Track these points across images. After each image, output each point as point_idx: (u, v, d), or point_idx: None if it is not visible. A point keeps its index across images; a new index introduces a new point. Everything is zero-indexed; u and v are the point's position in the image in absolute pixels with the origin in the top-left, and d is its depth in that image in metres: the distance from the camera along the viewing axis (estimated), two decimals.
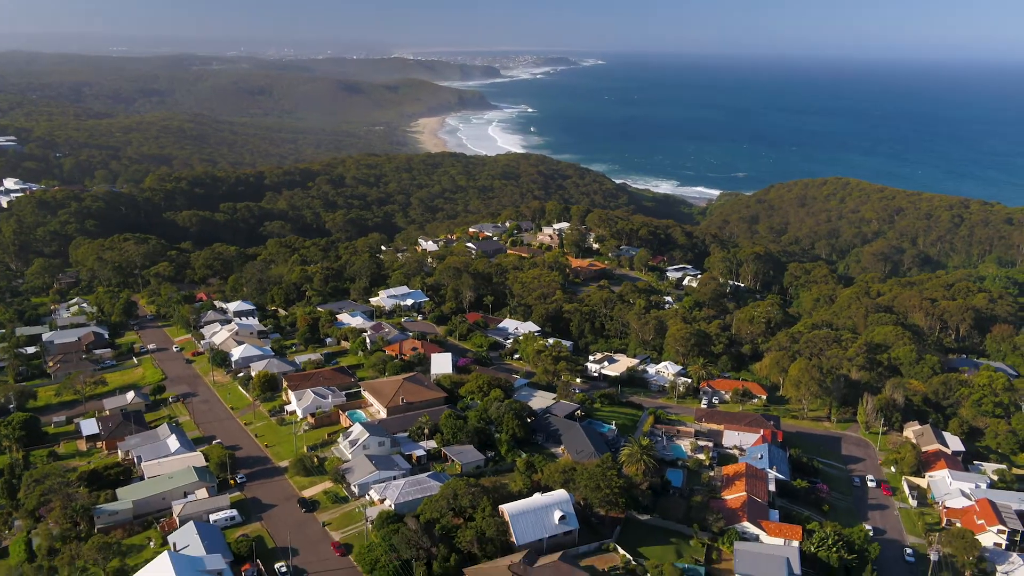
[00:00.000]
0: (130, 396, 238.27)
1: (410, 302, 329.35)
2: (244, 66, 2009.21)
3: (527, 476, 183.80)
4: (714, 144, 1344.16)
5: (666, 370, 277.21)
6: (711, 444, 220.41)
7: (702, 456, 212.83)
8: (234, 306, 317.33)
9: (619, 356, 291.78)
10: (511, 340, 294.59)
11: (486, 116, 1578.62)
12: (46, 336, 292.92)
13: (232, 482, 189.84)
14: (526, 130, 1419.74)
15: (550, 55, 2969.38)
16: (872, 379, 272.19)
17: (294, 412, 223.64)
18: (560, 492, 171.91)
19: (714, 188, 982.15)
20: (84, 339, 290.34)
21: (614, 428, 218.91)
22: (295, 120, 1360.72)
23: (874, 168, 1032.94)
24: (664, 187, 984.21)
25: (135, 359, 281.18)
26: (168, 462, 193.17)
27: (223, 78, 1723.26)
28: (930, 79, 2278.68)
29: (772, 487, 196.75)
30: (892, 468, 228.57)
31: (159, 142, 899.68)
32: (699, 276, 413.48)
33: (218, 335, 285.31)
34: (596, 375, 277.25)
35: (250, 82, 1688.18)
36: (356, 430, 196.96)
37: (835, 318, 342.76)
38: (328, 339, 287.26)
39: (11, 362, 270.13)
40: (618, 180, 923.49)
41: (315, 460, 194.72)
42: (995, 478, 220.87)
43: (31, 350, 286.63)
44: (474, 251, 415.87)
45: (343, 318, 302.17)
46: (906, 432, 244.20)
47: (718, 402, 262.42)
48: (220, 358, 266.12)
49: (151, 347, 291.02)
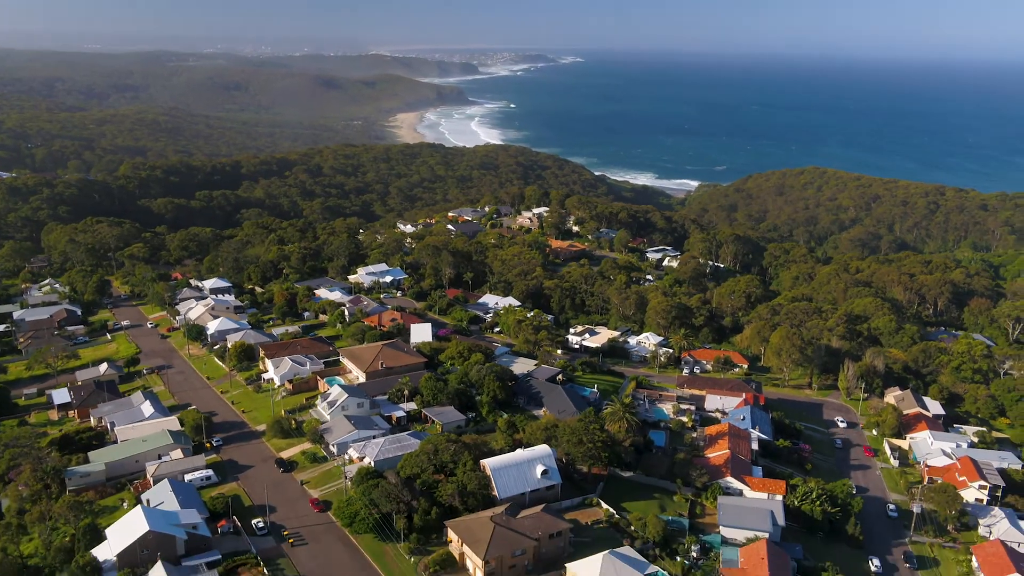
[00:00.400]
0: (103, 368, 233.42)
1: (389, 279, 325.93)
2: (220, 62, 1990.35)
3: (508, 435, 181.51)
4: (692, 138, 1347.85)
5: (647, 340, 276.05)
6: (693, 408, 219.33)
7: (684, 419, 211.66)
8: (210, 283, 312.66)
9: (600, 328, 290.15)
10: (491, 315, 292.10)
11: (468, 112, 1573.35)
12: (17, 314, 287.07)
13: (208, 445, 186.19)
14: (507, 125, 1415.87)
15: (528, 52, 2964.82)
16: (853, 348, 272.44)
17: (271, 380, 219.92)
18: (542, 447, 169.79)
19: (693, 180, 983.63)
20: (56, 316, 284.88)
21: (596, 391, 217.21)
22: (272, 115, 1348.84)
23: (851, 159, 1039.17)
24: (643, 179, 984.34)
25: (109, 335, 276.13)
26: (142, 426, 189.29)
27: (199, 74, 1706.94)
28: (908, 77, 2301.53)
29: (755, 446, 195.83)
30: (873, 431, 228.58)
31: (133, 134, 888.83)
32: (679, 256, 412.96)
33: (193, 310, 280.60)
34: (577, 347, 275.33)
35: (226, 78, 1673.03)
36: (334, 391, 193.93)
37: (815, 293, 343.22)
38: (306, 313, 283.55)
39: None
40: (597, 172, 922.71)
41: (293, 423, 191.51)
42: (975, 440, 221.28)
43: (1, 328, 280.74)
44: (454, 232, 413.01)
45: (321, 293, 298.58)
46: (887, 398, 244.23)
47: (700, 371, 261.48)
48: (196, 332, 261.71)
49: (125, 323, 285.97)
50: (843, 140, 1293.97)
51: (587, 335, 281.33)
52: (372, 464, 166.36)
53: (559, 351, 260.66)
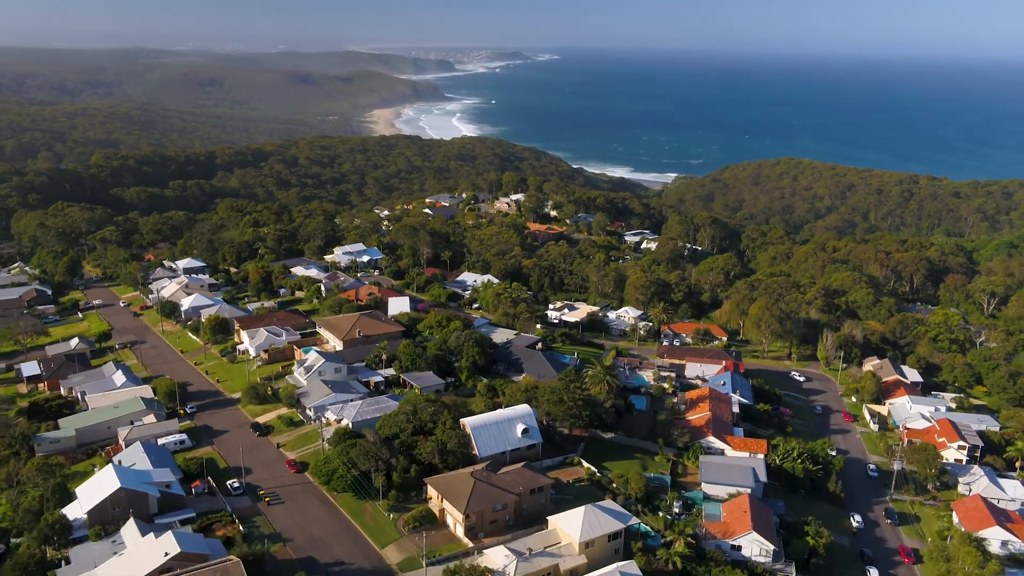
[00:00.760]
0: (74, 342, 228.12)
1: (366, 259, 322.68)
2: (194, 59, 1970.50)
3: (488, 398, 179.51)
4: (668, 133, 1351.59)
5: (627, 315, 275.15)
6: (674, 375, 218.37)
7: (665, 385, 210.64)
8: (184, 263, 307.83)
9: (579, 304, 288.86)
10: (469, 291, 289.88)
11: (448, 108, 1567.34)
12: None
13: (182, 412, 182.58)
14: (484, 120, 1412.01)
15: (504, 50, 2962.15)
16: (831, 320, 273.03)
17: (246, 351, 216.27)
18: (523, 407, 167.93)
19: (669, 173, 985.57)
20: (26, 296, 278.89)
21: (576, 358, 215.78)
22: (247, 110, 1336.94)
23: (825, 151, 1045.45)
24: (620, 172, 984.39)
25: (80, 314, 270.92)
26: (114, 395, 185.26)
27: (172, 70, 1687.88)
28: (875, 74, 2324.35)
29: (736, 409, 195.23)
30: (853, 398, 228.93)
31: (106, 127, 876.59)
32: (657, 239, 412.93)
33: (167, 289, 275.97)
34: (556, 322, 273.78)
35: (200, 74, 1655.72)
36: (311, 357, 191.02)
37: (793, 272, 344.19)
38: (282, 290, 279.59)
39: None
40: (575, 165, 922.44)
41: (269, 390, 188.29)
42: (953, 406, 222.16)
43: None
44: (431, 216, 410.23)
45: (297, 271, 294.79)
46: (865, 367, 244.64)
47: (679, 344, 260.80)
48: (169, 308, 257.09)
49: (96, 303, 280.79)
50: (816, 133, 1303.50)
51: (566, 310, 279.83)
52: (350, 425, 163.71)
53: (538, 325, 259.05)
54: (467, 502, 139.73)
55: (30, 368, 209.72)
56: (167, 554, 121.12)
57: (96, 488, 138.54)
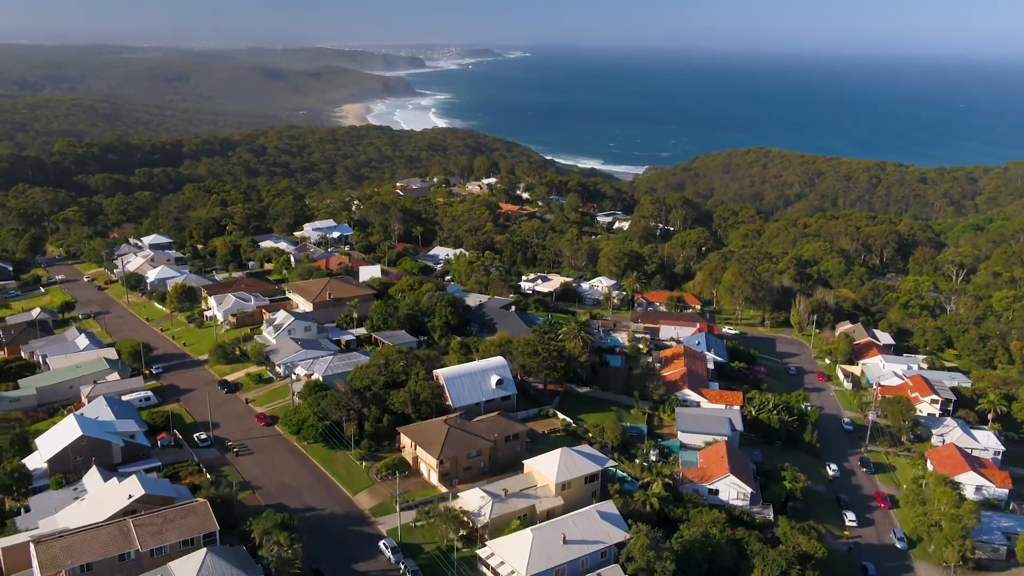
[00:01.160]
0: (35, 312, 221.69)
1: (336, 235, 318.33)
2: (160, 55, 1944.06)
3: (462, 355, 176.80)
4: (638, 127, 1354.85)
5: (600, 284, 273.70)
6: (648, 336, 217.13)
7: (640, 346, 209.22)
8: (149, 239, 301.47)
9: (552, 276, 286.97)
10: (441, 264, 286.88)
11: (422, 103, 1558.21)
12: None
13: (147, 372, 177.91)
14: (455, 115, 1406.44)
15: (474, 47, 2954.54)
16: (803, 289, 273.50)
17: (214, 316, 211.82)
18: (497, 358, 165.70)
19: (639, 165, 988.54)
20: None
21: (550, 318, 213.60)
22: (215, 105, 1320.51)
23: (794, 142, 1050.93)
24: (590, 163, 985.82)
25: (42, 288, 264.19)
26: (76, 357, 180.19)
27: (138, 65, 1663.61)
28: (848, 72, 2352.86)
29: (711, 366, 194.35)
30: (827, 360, 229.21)
31: (69, 119, 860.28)
32: (629, 218, 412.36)
33: (132, 263, 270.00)
34: (529, 292, 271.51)
35: (167, 69, 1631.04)
36: (280, 315, 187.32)
37: (764, 246, 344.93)
38: (250, 262, 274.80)
39: None
40: (546, 156, 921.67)
41: (237, 350, 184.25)
42: (925, 366, 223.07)
43: None
44: (402, 194, 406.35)
45: (266, 244, 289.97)
46: (838, 331, 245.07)
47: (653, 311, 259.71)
48: (134, 281, 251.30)
49: (59, 278, 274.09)
50: (784, 126, 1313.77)
51: (539, 281, 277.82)
52: (320, 379, 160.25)
53: (512, 295, 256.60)
54: (441, 448, 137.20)
55: None
56: (131, 496, 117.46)
57: (57, 437, 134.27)
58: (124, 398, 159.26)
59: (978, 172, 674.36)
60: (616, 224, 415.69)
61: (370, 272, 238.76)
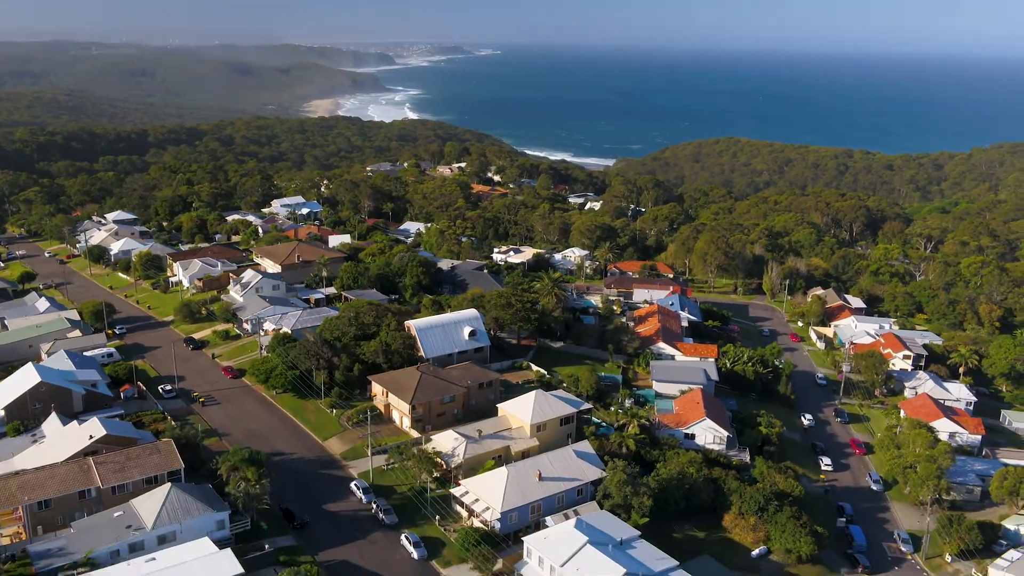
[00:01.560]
0: None
1: (305, 211, 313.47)
2: (126, 51, 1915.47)
3: (434, 311, 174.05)
4: (609, 122, 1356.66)
5: (573, 254, 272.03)
6: (622, 299, 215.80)
7: (614, 307, 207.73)
8: (113, 216, 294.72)
9: (524, 248, 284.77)
10: (412, 237, 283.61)
11: (396, 99, 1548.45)
12: None
13: (110, 332, 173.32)
14: (428, 110, 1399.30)
15: (444, 45, 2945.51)
16: (775, 258, 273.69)
17: (179, 283, 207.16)
18: (470, 311, 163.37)
19: (610, 157, 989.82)
20: None
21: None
22: (182, 100, 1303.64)
23: (762, 134, 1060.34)
24: (561, 156, 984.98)
25: (1, 263, 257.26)
26: (37, 318, 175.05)
27: (103, 61, 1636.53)
28: (817, 69, 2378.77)
29: (685, 324, 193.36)
30: (799, 323, 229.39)
31: (32, 111, 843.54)
32: (600, 199, 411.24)
33: (96, 237, 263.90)
34: (501, 264, 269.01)
35: (132, 64, 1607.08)
36: (248, 274, 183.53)
37: (736, 221, 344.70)
38: (217, 235, 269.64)
39: None
40: (517, 148, 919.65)
41: (204, 310, 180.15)
42: (896, 327, 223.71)
43: None
44: (372, 173, 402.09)
45: (233, 218, 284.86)
46: (810, 296, 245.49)
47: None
48: (98, 253, 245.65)
49: (19, 253, 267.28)
50: (754, 119, 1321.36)
51: (512, 253, 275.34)
52: (289, 332, 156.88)
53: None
54: (413, 393, 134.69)
55: None
56: (92, 437, 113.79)
57: (14, 385, 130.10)
58: (86, 354, 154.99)
59: (943, 159, 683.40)
60: (588, 205, 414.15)
61: (340, 240, 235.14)
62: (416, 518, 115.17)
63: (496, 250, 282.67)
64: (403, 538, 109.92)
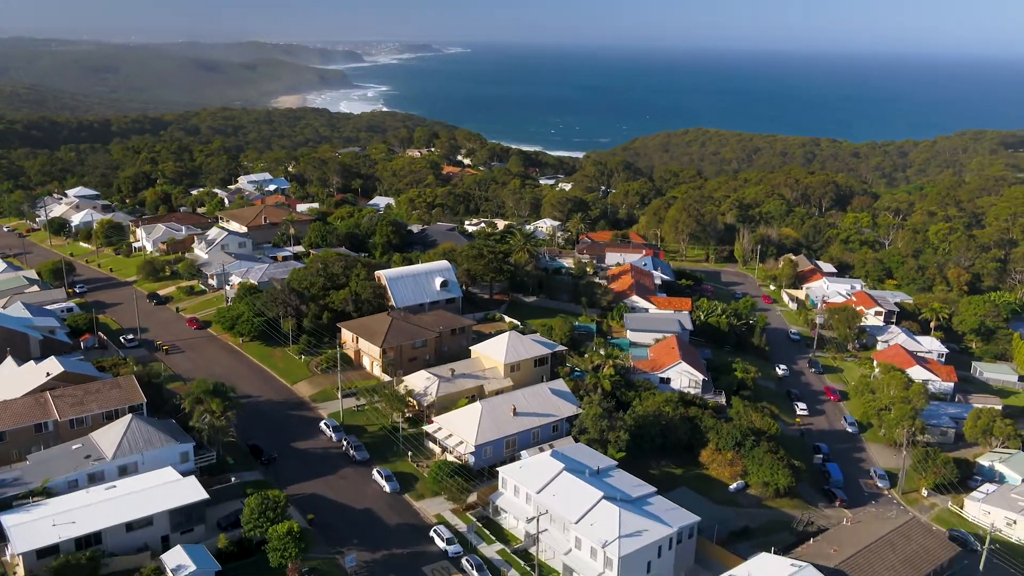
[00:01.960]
0: None
1: (273, 188, 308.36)
2: (88, 47, 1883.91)
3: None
4: (578, 116, 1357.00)
5: (544, 224, 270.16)
6: (595, 261, 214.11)
7: (587, 269, 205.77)
8: (75, 191, 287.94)
9: (496, 220, 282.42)
10: (383, 210, 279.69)
11: (369, 94, 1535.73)
12: None
13: (70, 291, 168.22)
14: (398, 106, 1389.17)
15: (413, 43, 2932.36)
16: (747, 227, 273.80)
17: (143, 247, 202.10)
18: (442, 262, 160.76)
19: (580, 150, 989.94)
20: None
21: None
22: (146, 96, 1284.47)
23: (730, 126, 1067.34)
24: (531, 149, 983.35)
25: None
26: None
27: (64, 57, 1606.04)
28: (786, 67, 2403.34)
29: (658, 282, 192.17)
30: (771, 286, 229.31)
31: None
32: (572, 179, 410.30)
33: (57, 209, 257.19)
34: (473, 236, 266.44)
35: (95, 61, 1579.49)
36: (213, 231, 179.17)
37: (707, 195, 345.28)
38: (182, 208, 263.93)
39: None
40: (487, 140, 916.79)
41: (167, 269, 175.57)
42: (868, 288, 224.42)
43: None
44: (340, 153, 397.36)
45: (198, 191, 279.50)
46: (782, 261, 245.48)
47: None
48: (58, 224, 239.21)
49: None
50: (722, 114, 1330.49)
51: (483, 225, 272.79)
52: (256, 283, 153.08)
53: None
54: (384, 337, 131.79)
55: None
56: (49, 374, 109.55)
57: None
58: (46, 308, 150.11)
59: (908, 146, 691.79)
60: (559, 186, 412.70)
61: (308, 207, 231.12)
62: (388, 455, 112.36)
63: (467, 223, 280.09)
64: (375, 472, 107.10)
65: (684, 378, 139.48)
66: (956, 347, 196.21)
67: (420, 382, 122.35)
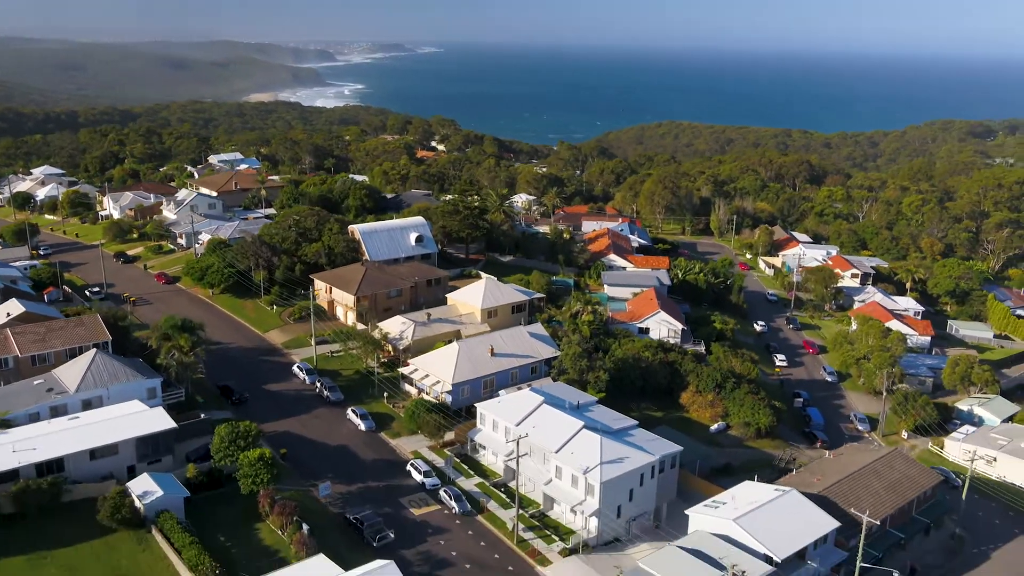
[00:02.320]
0: None
1: (244, 167, 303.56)
2: (54, 46, 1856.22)
3: None
4: (551, 112, 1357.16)
5: (520, 199, 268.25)
6: (571, 228, 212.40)
7: (564, 234, 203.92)
8: (40, 170, 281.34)
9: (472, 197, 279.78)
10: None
11: (345, 92, 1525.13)
12: None
13: (34, 252, 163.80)
14: (372, 103, 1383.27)
15: (385, 43, 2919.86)
16: (722, 200, 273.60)
17: (110, 215, 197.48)
18: (417, 217, 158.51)
19: (553, 146, 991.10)
20: None
21: None
22: (116, 93, 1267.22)
23: (703, 121, 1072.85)
24: (505, 139, 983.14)
25: None
26: None
27: (29, 56, 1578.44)
28: (757, 66, 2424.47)
29: (635, 246, 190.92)
30: (748, 254, 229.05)
31: None
32: (546, 161, 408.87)
33: (21, 185, 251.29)
34: None
35: (62, 59, 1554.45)
36: (182, 192, 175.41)
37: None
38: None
39: None
40: None
41: (135, 232, 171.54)
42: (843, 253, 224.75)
43: None
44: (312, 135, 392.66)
45: (168, 167, 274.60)
46: (758, 231, 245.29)
47: None
48: (22, 199, 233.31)
49: None
50: (695, 110, 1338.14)
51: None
52: (226, 239, 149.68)
53: None
54: (358, 286, 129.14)
55: None
56: (9, 315, 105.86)
57: None
58: (8, 264, 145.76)
59: (878, 136, 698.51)
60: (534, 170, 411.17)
61: (279, 179, 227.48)
62: (363, 397, 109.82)
63: (442, 198, 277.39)
64: (349, 412, 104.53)
65: (663, 328, 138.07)
66: (932, 309, 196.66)
67: (395, 326, 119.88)
